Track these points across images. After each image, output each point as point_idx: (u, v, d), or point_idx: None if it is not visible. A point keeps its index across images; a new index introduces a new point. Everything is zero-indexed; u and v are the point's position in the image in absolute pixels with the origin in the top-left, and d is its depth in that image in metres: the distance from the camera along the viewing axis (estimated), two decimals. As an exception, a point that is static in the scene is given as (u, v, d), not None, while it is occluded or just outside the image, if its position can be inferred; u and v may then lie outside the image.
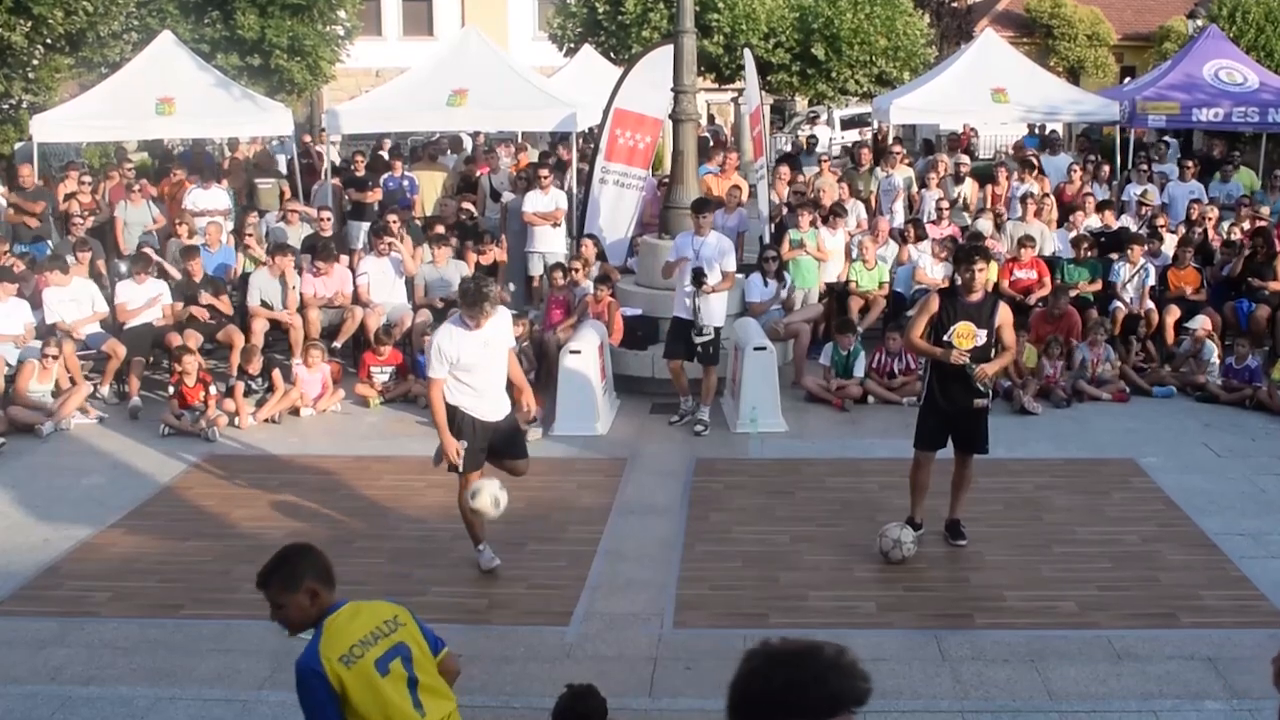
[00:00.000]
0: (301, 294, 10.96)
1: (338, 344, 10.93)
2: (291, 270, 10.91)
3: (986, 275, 6.95)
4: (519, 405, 7.03)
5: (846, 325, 10.47)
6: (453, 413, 6.56)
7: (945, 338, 6.79)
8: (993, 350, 6.89)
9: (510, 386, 6.82)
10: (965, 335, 6.75)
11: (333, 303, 11.07)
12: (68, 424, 9.54)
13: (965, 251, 7.08)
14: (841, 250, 11.92)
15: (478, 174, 15.09)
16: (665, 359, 9.58)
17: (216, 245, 11.78)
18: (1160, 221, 12.44)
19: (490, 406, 6.62)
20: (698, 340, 9.22)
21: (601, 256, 11.79)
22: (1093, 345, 10.41)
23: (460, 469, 6.57)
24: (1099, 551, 7.01)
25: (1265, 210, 12.94)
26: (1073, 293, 11.18)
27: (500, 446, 6.75)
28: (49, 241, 12.38)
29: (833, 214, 12.13)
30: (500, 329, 6.61)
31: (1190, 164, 14.79)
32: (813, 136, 21.67)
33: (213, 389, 9.66)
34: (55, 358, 9.73)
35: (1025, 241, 11.55)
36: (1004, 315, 6.92)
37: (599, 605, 6.35)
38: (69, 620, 6.20)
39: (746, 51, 15.47)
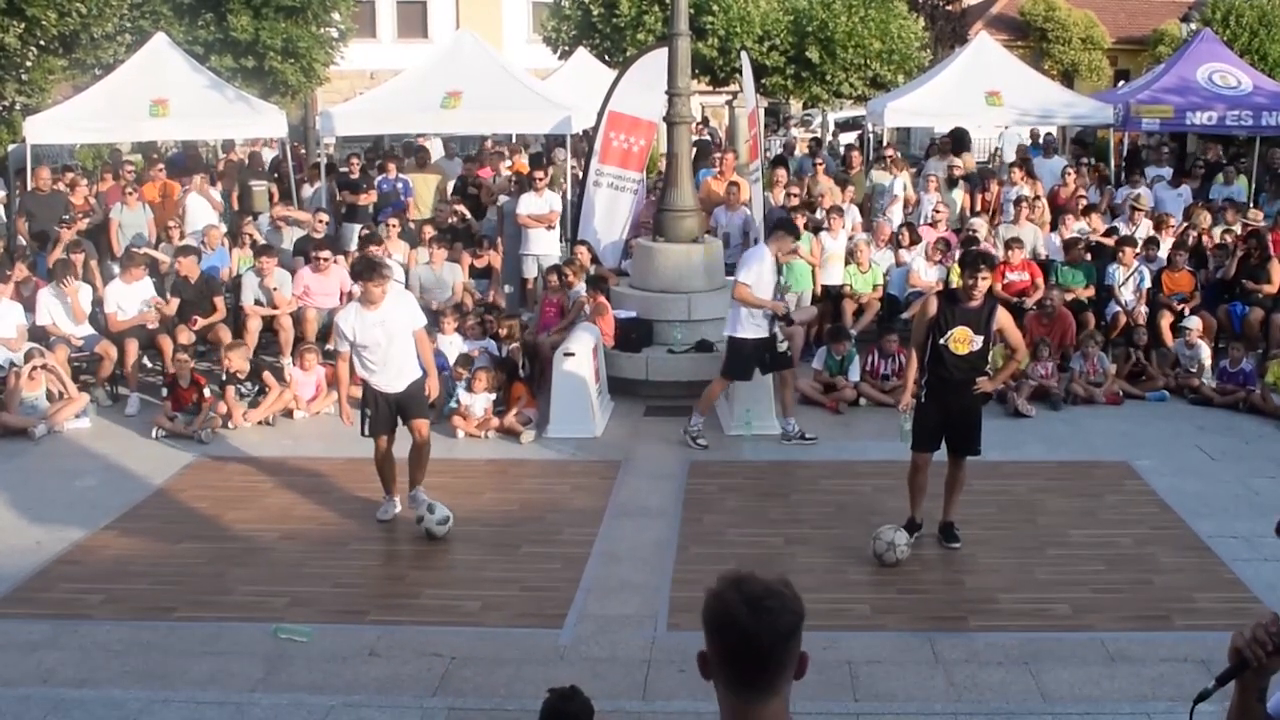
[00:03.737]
0: (304, 290, 11.01)
1: (331, 345, 10.93)
2: (274, 271, 10.94)
3: (989, 283, 6.98)
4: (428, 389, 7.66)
5: (840, 334, 10.48)
6: (363, 385, 7.48)
7: (942, 341, 6.84)
8: (989, 352, 6.98)
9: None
10: (962, 340, 6.83)
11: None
12: (60, 427, 9.52)
13: (971, 258, 7.12)
14: (842, 254, 11.94)
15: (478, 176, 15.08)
16: (729, 379, 9.03)
17: (215, 247, 11.79)
18: (1171, 222, 12.50)
19: (389, 379, 7.38)
20: (781, 347, 8.88)
21: (595, 261, 11.80)
22: (1086, 356, 10.41)
23: (368, 433, 7.50)
24: (1093, 554, 7.03)
25: (1256, 214, 12.95)
26: (1068, 296, 11.20)
27: (404, 409, 7.49)
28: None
29: (830, 215, 12.13)
30: (398, 312, 7.32)
31: (1187, 169, 14.81)
32: (789, 141, 21.80)
33: (207, 391, 9.65)
34: (44, 368, 9.64)
35: (1012, 244, 11.59)
36: (1003, 319, 6.99)
37: (593, 608, 6.36)
38: (61, 623, 6.19)
39: (744, 54, 15.48)
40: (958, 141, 15.77)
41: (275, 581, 6.73)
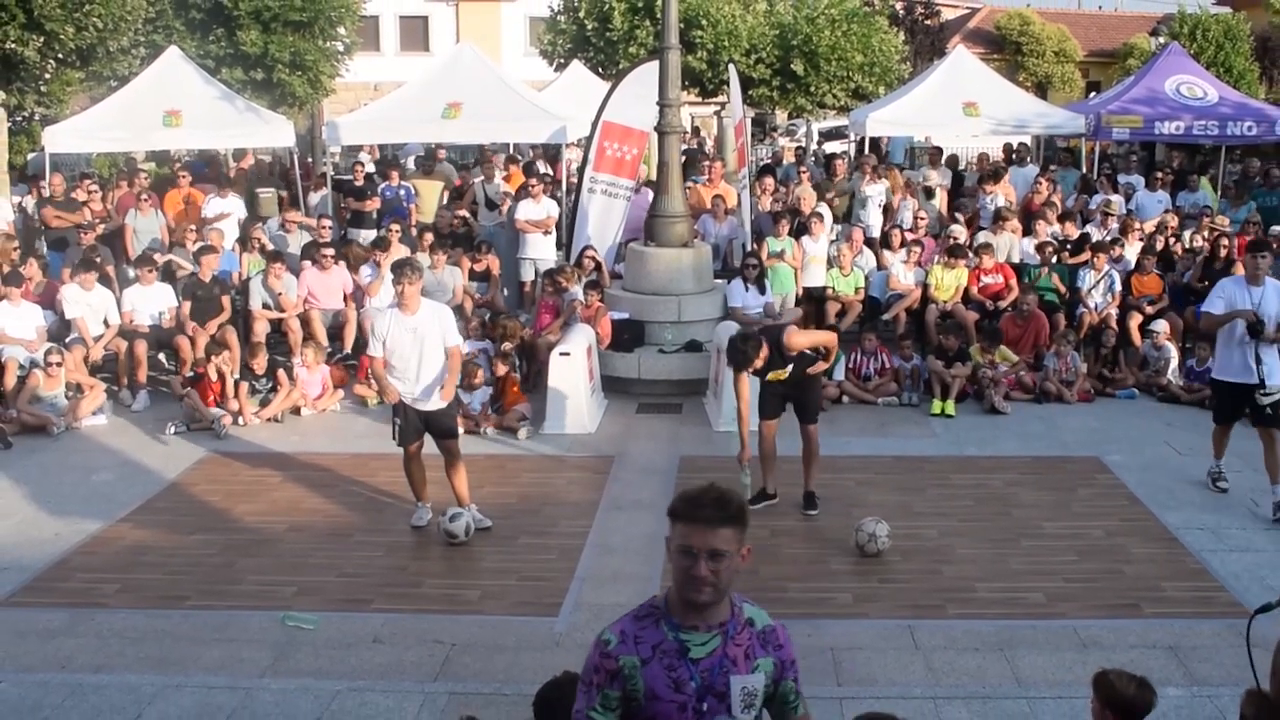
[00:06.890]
0: (309, 294, 11.27)
1: (346, 349, 11.17)
2: (282, 276, 11.17)
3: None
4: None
5: None
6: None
7: None
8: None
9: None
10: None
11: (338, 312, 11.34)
12: (79, 424, 9.73)
13: None
14: (824, 257, 12.22)
15: (472, 182, 15.32)
16: (1219, 424, 8.23)
17: (221, 250, 12.03)
18: (1135, 226, 12.78)
19: (418, 393, 7.26)
20: (1265, 401, 7.78)
21: (597, 268, 12.04)
22: (1059, 355, 10.70)
23: (399, 442, 7.41)
24: (1065, 545, 7.22)
25: (1223, 220, 13.27)
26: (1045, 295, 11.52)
27: (434, 429, 7.43)
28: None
29: (812, 220, 12.41)
30: (431, 322, 7.21)
31: (1160, 174, 15.16)
32: (776, 152, 22.22)
33: (231, 380, 9.87)
34: (59, 364, 9.89)
35: (982, 249, 11.93)
36: (790, 339, 7.65)
37: (587, 596, 6.51)
38: (79, 611, 6.33)
39: (731, 67, 15.77)
40: (879, 153, 16.33)
41: (283, 571, 6.89)
